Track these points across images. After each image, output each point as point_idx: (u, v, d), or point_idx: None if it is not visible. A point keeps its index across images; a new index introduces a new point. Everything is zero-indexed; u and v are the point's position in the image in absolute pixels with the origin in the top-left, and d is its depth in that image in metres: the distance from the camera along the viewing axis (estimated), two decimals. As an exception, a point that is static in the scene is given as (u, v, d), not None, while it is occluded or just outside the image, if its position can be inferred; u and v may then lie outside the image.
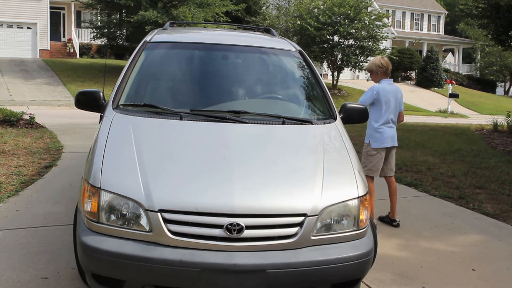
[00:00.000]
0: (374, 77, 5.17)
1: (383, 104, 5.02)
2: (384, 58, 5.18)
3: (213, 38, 4.54)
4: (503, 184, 7.29)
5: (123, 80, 3.72)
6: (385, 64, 5.08)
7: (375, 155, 5.07)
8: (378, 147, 5.05)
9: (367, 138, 5.15)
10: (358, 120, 3.95)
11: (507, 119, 13.42)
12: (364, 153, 5.16)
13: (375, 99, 5.01)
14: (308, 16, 25.25)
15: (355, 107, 3.95)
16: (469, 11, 14.53)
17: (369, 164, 5.09)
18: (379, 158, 5.08)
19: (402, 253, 4.45)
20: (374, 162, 5.08)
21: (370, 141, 5.08)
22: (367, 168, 5.07)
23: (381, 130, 5.05)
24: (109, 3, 22.45)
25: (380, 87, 5.05)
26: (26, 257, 3.82)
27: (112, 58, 27.52)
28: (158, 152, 3.05)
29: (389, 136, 5.08)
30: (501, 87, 43.71)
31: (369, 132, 5.12)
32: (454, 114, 24.49)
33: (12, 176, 6.18)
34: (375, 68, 5.11)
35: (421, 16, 43.48)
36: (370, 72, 5.19)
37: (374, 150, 5.07)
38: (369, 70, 5.20)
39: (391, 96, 5.05)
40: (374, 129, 5.07)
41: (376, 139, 5.05)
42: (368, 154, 5.11)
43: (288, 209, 2.75)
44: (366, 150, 5.14)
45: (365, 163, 5.11)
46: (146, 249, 2.61)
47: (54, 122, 11.33)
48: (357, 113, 3.92)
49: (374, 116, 5.05)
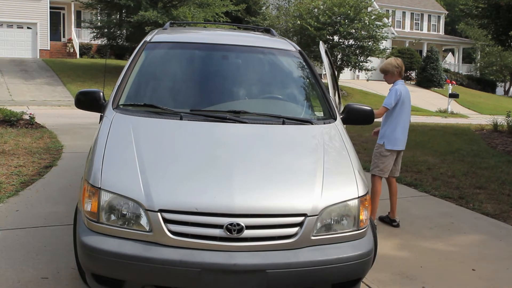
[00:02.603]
0: (390, 78, 5.13)
1: (401, 105, 5.02)
2: (398, 58, 5.23)
3: (213, 38, 4.54)
4: (503, 184, 7.29)
5: (123, 80, 3.72)
6: (400, 65, 5.12)
7: (388, 156, 5.07)
8: (392, 148, 5.05)
9: (380, 139, 5.11)
10: (362, 122, 3.90)
11: (507, 119, 13.41)
12: (376, 154, 5.12)
13: (397, 100, 5.00)
14: (308, 16, 25.25)
15: (361, 108, 3.89)
16: (469, 11, 14.52)
17: (381, 165, 5.08)
18: (391, 159, 5.09)
19: (402, 253, 4.45)
20: (386, 163, 5.07)
21: (385, 142, 5.06)
22: (379, 169, 5.08)
23: (397, 131, 5.04)
24: (109, 3, 22.45)
25: (400, 88, 5.04)
26: (26, 257, 3.82)
27: (112, 58, 27.50)
28: (158, 152, 3.05)
29: (403, 138, 5.10)
30: (501, 87, 43.70)
31: (385, 133, 5.08)
32: (454, 114, 24.48)
33: (12, 176, 6.18)
34: (391, 68, 5.08)
35: (421, 16, 43.46)
36: (386, 72, 5.12)
37: (388, 151, 5.06)
38: (385, 70, 5.13)
39: (406, 97, 5.08)
40: (390, 131, 5.05)
41: (390, 141, 5.04)
42: (381, 155, 5.09)
43: (288, 209, 2.75)
44: (379, 151, 5.10)
45: (377, 163, 5.09)
46: (146, 249, 2.61)
47: (54, 122, 11.33)
48: (362, 114, 3.86)
49: (391, 117, 5.04)
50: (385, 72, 5.14)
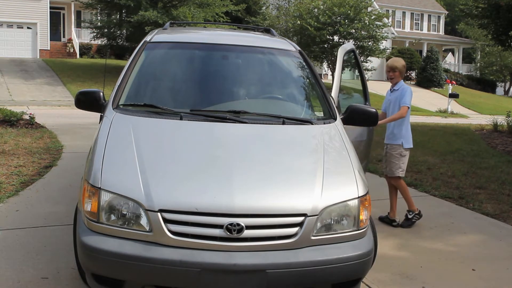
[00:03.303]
0: (398, 76, 5.13)
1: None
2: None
3: (213, 38, 4.54)
4: (503, 184, 7.29)
5: (123, 80, 3.72)
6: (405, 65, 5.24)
7: (407, 155, 5.14)
8: (410, 147, 5.13)
9: (398, 139, 5.10)
10: (365, 123, 3.88)
11: (507, 119, 13.41)
12: (395, 155, 5.09)
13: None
14: (308, 16, 25.26)
15: (365, 110, 3.81)
16: (469, 11, 14.52)
17: (403, 165, 5.11)
18: (408, 157, 5.18)
19: (402, 253, 4.46)
20: (406, 162, 5.15)
21: (403, 142, 5.08)
22: (402, 170, 5.10)
23: (409, 130, 5.15)
24: (109, 3, 22.45)
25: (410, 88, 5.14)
26: (26, 257, 3.82)
27: (112, 58, 27.51)
28: (158, 152, 3.05)
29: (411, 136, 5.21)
30: (501, 87, 43.69)
31: (402, 133, 5.09)
32: (454, 114, 24.47)
33: (12, 176, 6.18)
34: (401, 67, 5.12)
35: (421, 16, 43.46)
36: (395, 69, 5.10)
37: (406, 151, 5.12)
38: (396, 67, 5.09)
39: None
40: (405, 130, 5.11)
41: (407, 140, 5.11)
42: (401, 155, 5.09)
43: (288, 209, 2.75)
44: (398, 152, 5.09)
45: (399, 164, 5.08)
46: (146, 249, 2.61)
47: (54, 122, 11.33)
48: (366, 115, 3.79)
49: (406, 117, 5.08)
50: (394, 69, 5.11)
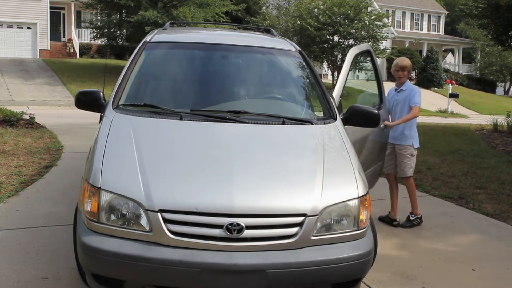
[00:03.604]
0: (405, 76, 5.16)
1: None
2: None
3: (213, 38, 4.54)
4: (503, 184, 7.29)
5: (123, 80, 3.72)
6: None
7: (416, 154, 5.19)
8: (418, 147, 5.18)
9: (408, 139, 5.10)
10: (367, 124, 3.86)
11: (507, 119, 13.42)
12: (406, 156, 5.11)
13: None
14: (308, 16, 25.25)
15: (366, 110, 3.80)
16: (469, 11, 14.52)
17: (413, 165, 5.18)
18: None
19: (402, 253, 4.46)
20: (415, 161, 5.20)
21: (413, 142, 5.11)
22: (413, 169, 5.16)
23: (417, 130, 5.19)
24: (109, 3, 22.46)
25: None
26: (26, 257, 3.82)
27: (112, 58, 27.51)
28: (158, 152, 3.05)
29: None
30: (501, 87, 43.66)
31: (411, 134, 5.12)
32: (454, 114, 24.47)
33: (12, 176, 6.18)
34: (409, 66, 5.16)
35: (421, 16, 43.45)
36: (404, 69, 5.12)
37: (416, 150, 5.17)
38: (404, 67, 5.11)
39: None
40: (414, 130, 5.15)
41: (416, 139, 5.17)
42: (412, 155, 5.14)
43: (288, 209, 2.75)
44: (409, 152, 5.11)
45: (410, 164, 5.13)
46: (146, 249, 2.61)
47: (54, 122, 11.33)
48: (367, 116, 3.77)
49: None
50: (404, 69, 5.12)
